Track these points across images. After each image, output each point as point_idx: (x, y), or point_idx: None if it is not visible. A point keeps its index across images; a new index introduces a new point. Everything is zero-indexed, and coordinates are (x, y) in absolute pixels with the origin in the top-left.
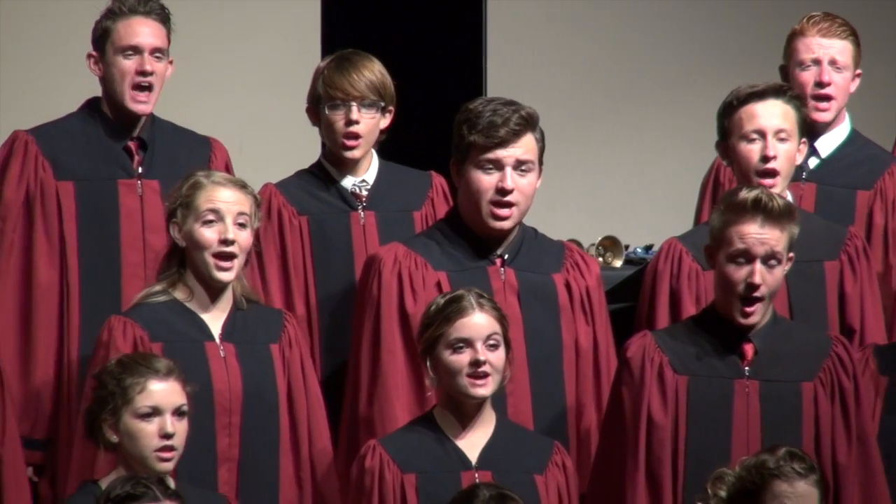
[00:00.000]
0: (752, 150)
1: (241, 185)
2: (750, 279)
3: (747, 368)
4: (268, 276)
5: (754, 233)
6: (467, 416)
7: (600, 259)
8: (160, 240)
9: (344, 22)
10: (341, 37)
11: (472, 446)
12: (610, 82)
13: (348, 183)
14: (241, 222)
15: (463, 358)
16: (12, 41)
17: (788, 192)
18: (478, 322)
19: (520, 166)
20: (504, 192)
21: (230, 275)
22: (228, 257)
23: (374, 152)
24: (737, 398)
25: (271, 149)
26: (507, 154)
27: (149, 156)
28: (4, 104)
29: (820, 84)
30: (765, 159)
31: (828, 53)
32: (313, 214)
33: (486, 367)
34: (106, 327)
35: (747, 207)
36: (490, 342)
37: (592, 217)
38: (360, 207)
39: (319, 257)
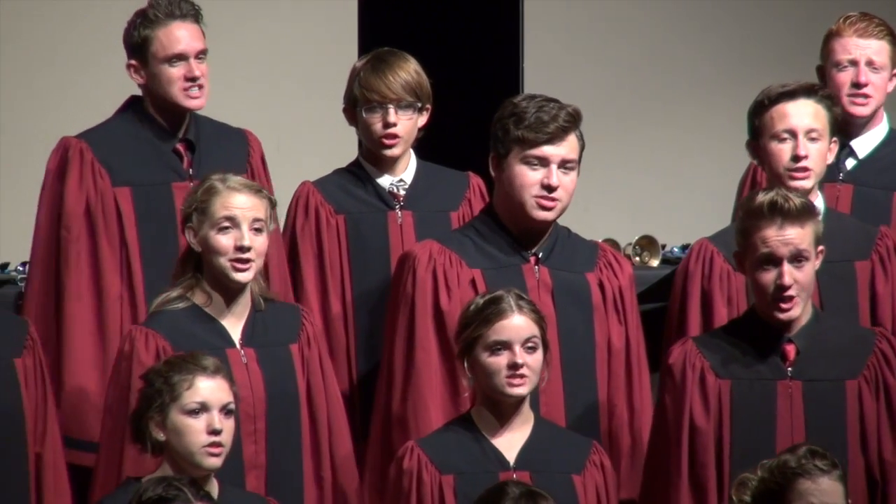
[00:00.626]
0: (783, 150)
1: (256, 190)
2: (779, 281)
3: (790, 369)
4: (304, 275)
5: (775, 235)
6: (505, 415)
7: (637, 258)
8: None
9: (381, 20)
10: (378, 34)
11: (510, 446)
12: (647, 82)
13: (386, 182)
14: (256, 227)
15: (501, 360)
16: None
17: (819, 192)
18: (517, 324)
19: (564, 165)
20: (550, 189)
21: (248, 275)
22: (244, 262)
23: (412, 152)
24: (780, 400)
25: (308, 146)
26: (554, 152)
27: (197, 156)
28: (42, 108)
29: (857, 84)
30: (796, 159)
31: (865, 54)
32: (350, 213)
33: (524, 370)
34: (127, 339)
35: (764, 211)
36: (528, 345)
37: (629, 216)
38: (397, 207)
39: (356, 256)
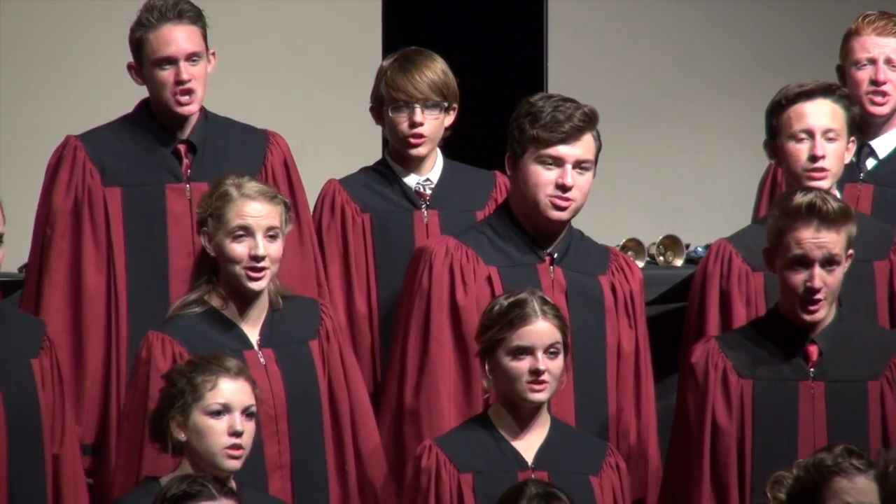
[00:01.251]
0: (801, 150)
1: (270, 197)
2: (809, 283)
3: (812, 370)
4: (329, 273)
5: (810, 238)
6: (523, 417)
7: (661, 258)
8: None
9: (405, 18)
10: (402, 33)
11: (528, 447)
12: (670, 82)
13: (412, 181)
14: (271, 234)
15: (522, 365)
16: (57, 45)
17: (837, 190)
18: (540, 330)
19: (579, 165)
20: (564, 189)
21: (262, 284)
22: (259, 271)
23: (438, 151)
24: (802, 400)
25: (332, 144)
26: (569, 152)
27: (198, 158)
28: (55, 107)
29: (875, 82)
30: (813, 159)
31: (883, 52)
32: (376, 212)
33: (545, 376)
34: (144, 345)
35: (802, 212)
36: (551, 350)
37: (653, 216)
38: (423, 206)
39: (382, 255)
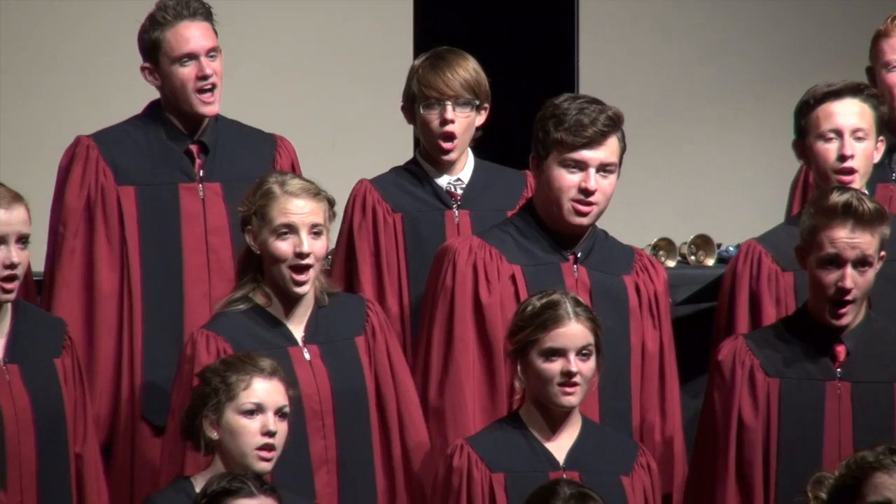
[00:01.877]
0: (829, 150)
1: (314, 193)
2: (841, 283)
3: (839, 370)
4: (361, 273)
5: (845, 238)
6: (555, 418)
7: (692, 258)
8: (223, 242)
9: (436, 18)
10: (434, 33)
11: (560, 447)
12: (702, 82)
13: (443, 181)
14: (316, 231)
15: (555, 367)
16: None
17: (866, 190)
18: (573, 332)
19: (603, 168)
20: (587, 193)
21: (306, 287)
22: (304, 269)
23: (469, 151)
24: (828, 400)
25: (364, 144)
26: (593, 156)
27: (210, 159)
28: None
29: None
30: (842, 158)
31: None
32: (408, 212)
33: (577, 378)
34: (189, 342)
35: (837, 212)
36: (583, 352)
37: (684, 216)
38: (454, 206)
39: (413, 255)
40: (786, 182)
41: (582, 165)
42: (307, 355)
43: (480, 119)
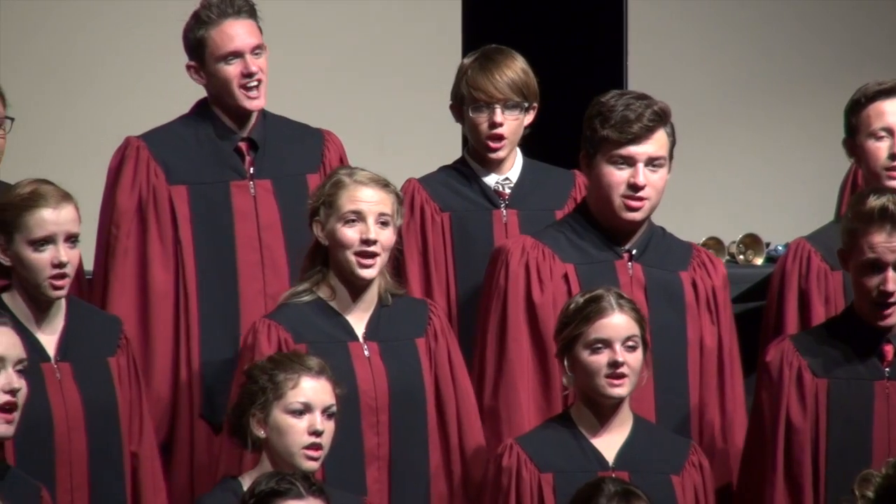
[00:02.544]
0: (880, 148)
1: (383, 184)
2: (883, 287)
3: (887, 370)
4: (409, 273)
5: (883, 242)
6: (605, 415)
7: (741, 257)
8: (275, 238)
9: (485, 16)
10: (482, 31)
11: (609, 446)
12: (751, 80)
13: (491, 180)
14: (383, 221)
15: (601, 358)
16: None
17: None
18: (617, 323)
19: (652, 162)
20: (636, 188)
21: (372, 272)
22: (370, 255)
23: (518, 150)
24: (877, 400)
25: (412, 143)
26: (640, 151)
27: (260, 155)
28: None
29: None
30: (893, 157)
31: None
32: (456, 211)
33: (624, 369)
34: (251, 331)
35: (874, 217)
36: (629, 343)
37: (733, 215)
38: (502, 205)
39: (460, 255)
40: (835, 181)
41: (630, 161)
42: (366, 351)
43: (529, 118)
